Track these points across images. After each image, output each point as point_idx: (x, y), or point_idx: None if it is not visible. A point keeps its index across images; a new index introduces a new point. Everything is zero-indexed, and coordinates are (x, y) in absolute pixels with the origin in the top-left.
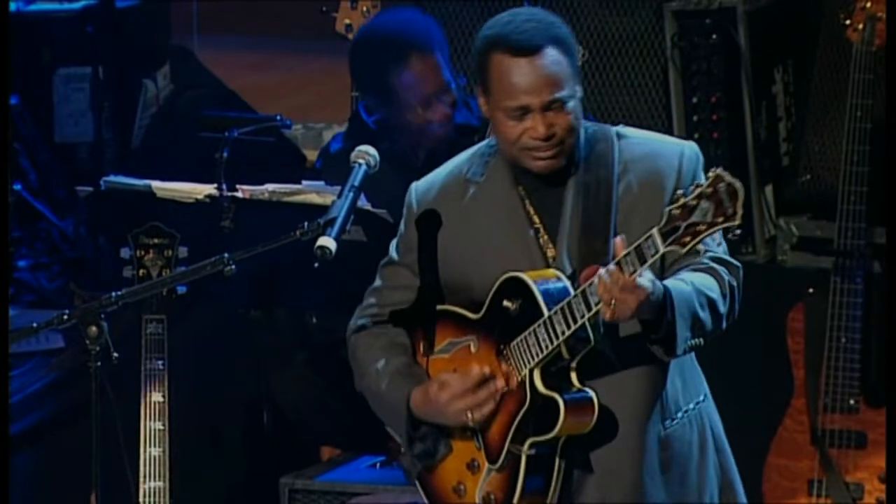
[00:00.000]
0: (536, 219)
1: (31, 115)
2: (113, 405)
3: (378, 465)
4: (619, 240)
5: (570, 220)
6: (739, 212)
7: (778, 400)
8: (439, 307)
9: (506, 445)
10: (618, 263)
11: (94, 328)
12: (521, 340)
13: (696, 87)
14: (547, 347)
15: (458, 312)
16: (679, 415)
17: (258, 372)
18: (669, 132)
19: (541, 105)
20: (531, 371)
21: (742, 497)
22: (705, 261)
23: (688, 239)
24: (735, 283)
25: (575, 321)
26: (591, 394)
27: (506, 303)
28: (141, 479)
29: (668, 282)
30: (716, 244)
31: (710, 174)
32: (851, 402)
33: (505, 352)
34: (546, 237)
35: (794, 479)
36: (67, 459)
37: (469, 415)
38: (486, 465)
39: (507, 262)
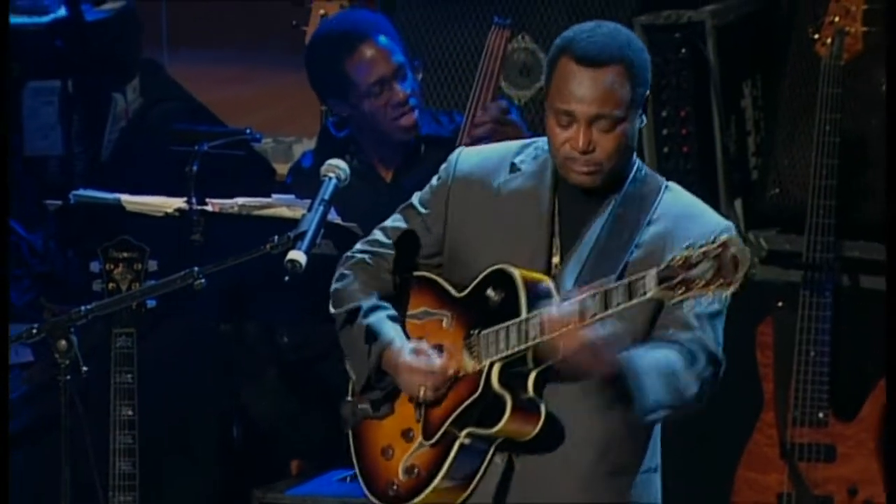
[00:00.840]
0: (558, 228)
1: None
2: (82, 419)
3: (349, 478)
4: (584, 288)
5: (587, 243)
6: (738, 282)
7: (747, 413)
8: (426, 274)
9: (444, 426)
10: (581, 305)
11: (63, 342)
12: (493, 332)
13: (665, 102)
14: (513, 347)
15: (442, 285)
16: (630, 470)
17: (228, 385)
18: (639, 145)
19: (587, 117)
20: (491, 364)
21: None
22: (688, 342)
23: (681, 290)
24: (707, 376)
25: (548, 332)
26: (542, 406)
27: (489, 292)
28: (111, 493)
29: (635, 350)
30: (711, 332)
31: (722, 238)
32: (820, 415)
33: (473, 338)
34: (558, 248)
35: (764, 492)
36: (37, 473)
37: (421, 391)
38: (420, 438)
39: (511, 256)
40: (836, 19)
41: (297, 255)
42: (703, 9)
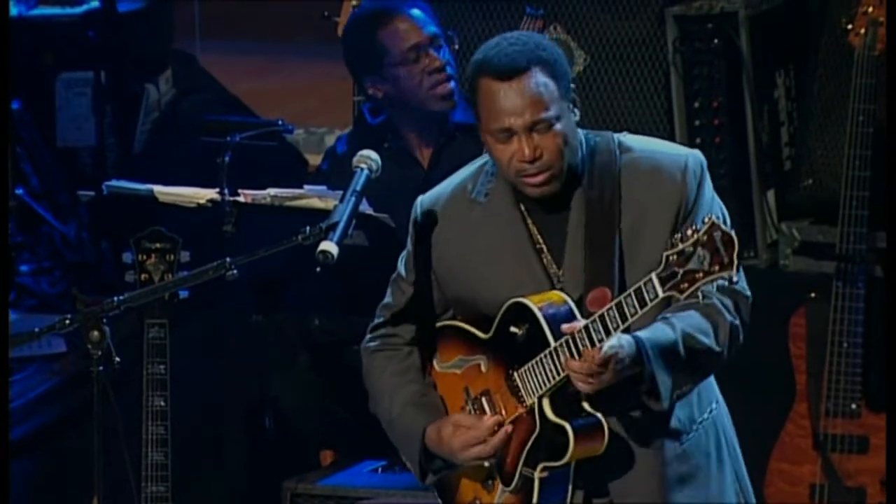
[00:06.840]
0: (540, 238)
1: (33, 120)
2: (115, 410)
3: (380, 469)
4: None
5: (574, 240)
6: (735, 262)
7: (780, 404)
8: (449, 322)
9: (518, 469)
10: (587, 339)
11: (95, 333)
12: (529, 368)
13: (697, 92)
14: (554, 378)
15: (468, 330)
16: (694, 427)
17: (260, 376)
18: (671, 137)
19: (524, 126)
20: (540, 399)
21: (752, 498)
22: (709, 295)
23: (685, 286)
24: (737, 322)
25: (580, 355)
26: (601, 419)
27: (513, 328)
28: (143, 484)
29: (649, 330)
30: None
31: (706, 222)
32: (853, 406)
33: (514, 377)
34: (550, 257)
35: (797, 483)
36: (69, 464)
37: (484, 462)
38: (500, 485)
39: (513, 282)
40: (870, 9)
41: (329, 247)
42: None
